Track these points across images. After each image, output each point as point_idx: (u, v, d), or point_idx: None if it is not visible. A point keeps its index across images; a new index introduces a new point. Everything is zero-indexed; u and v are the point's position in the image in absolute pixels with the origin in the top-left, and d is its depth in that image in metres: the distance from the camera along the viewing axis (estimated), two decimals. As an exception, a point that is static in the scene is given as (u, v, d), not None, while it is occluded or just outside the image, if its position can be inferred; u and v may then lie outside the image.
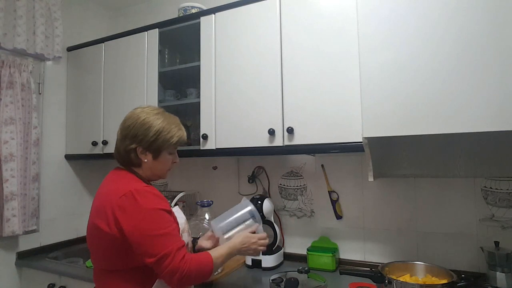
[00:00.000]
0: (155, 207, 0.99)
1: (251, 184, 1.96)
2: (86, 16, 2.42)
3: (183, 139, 1.16)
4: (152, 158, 1.10)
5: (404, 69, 1.15)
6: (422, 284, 1.21)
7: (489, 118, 1.03)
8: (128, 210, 0.97)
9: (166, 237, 0.96)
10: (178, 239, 1.00)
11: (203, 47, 1.72)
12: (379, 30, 1.20)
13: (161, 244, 0.95)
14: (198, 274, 0.98)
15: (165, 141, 1.10)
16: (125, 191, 0.99)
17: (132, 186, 1.01)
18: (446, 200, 1.50)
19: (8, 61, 1.87)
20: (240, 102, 1.60)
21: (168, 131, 1.11)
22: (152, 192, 1.02)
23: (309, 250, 1.66)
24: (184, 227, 1.14)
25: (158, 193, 1.04)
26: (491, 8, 1.04)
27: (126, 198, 0.98)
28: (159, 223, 0.97)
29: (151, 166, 1.11)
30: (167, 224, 0.99)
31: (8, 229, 1.78)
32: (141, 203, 0.98)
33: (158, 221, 0.97)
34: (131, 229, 0.95)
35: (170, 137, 1.11)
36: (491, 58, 1.03)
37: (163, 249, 0.94)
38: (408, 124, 1.14)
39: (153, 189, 1.04)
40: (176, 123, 1.16)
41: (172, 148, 1.14)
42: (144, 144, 1.08)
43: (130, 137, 1.09)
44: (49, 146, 2.13)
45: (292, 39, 1.49)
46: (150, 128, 1.08)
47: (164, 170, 1.16)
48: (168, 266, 0.93)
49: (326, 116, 1.40)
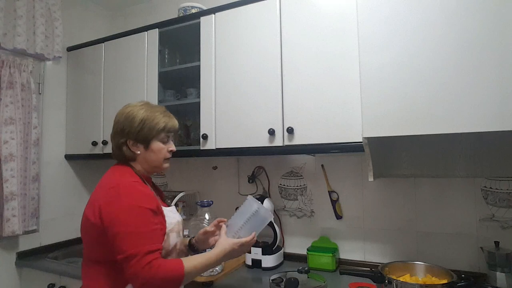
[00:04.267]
0: (136, 204, 0.97)
1: (251, 184, 1.96)
2: (86, 16, 2.42)
3: (170, 125, 1.15)
4: (144, 149, 1.11)
5: (404, 69, 1.15)
6: (422, 284, 1.21)
7: (489, 118, 1.03)
8: (110, 203, 0.97)
9: (139, 236, 0.94)
10: (153, 242, 0.96)
11: (203, 47, 1.72)
12: (379, 30, 1.20)
13: (131, 242, 0.93)
14: (163, 283, 0.93)
15: (151, 129, 1.10)
16: (114, 184, 1.01)
17: (122, 179, 1.03)
18: (446, 200, 1.50)
19: (8, 61, 1.87)
20: (240, 102, 1.60)
21: (152, 118, 1.11)
22: (138, 188, 1.02)
23: (309, 250, 1.66)
24: (174, 227, 1.09)
25: (145, 190, 1.03)
26: (491, 8, 1.04)
27: (113, 191, 0.99)
28: (137, 221, 0.95)
29: (145, 157, 1.12)
30: (145, 223, 0.96)
31: (8, 229, 1.78)
32: (123, 197, 0.97)
33: (136, 218, 0.96)
34: (109, 221, 0.96)
35: (156, 124, 1.11)
36: (491, 58, 1.03)
37: (131, 248, 0.92)
38: (408, 124, 1.14)
39: (142, 186, 1.04)
40: (161, 111, 1.15)
41: (162, 136, 1.13)
42: (132, 136, 1.10)
43: (119, 132, 1.12)
44: (49, 146, 2.13)
45: (292, 39, 1.49)
46: (134, 119, 1.10)
47: (159, 160, 1.14)
48: (132, 268, 0.91)
49: (326, 116, 1.40)
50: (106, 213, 0.97)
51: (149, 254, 0.93)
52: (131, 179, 1.04)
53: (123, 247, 0.93)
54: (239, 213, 1.15)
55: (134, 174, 1.10)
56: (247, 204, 1.15)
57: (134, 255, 0.91)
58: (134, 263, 0.91)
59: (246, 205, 1.15)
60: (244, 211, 1.14)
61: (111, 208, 0.97)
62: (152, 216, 0.99)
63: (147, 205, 0.99)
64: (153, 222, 0.99)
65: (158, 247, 0.96)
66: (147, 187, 1.07)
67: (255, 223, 1.12)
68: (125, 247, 0.92)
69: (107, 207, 0.97)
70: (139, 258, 0.91)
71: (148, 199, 1.01)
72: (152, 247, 0.94)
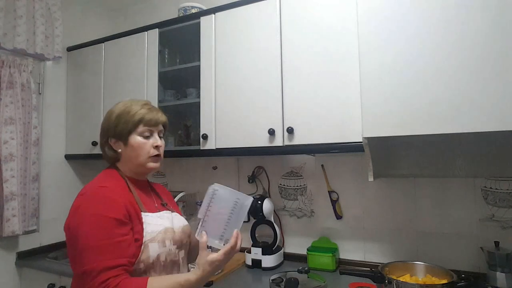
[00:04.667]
0: (98, 213, 0.87)
1: (251, 184, 1.96)
2: (86, 16, 2.41)
3: (149, 117, 1.03)
4: (123, 145, 1.03)
5: (404, 69, 1.15)
6: (422, 284, 1.21)
7: (489, 118, 1.03)
8: (74, 212, 0.90)
9: (98, 250, 0.83)
10: (115, 256, 0.85)
11: (203, 47, 1.72)
12: (379, 30, 1.20)
13: (87, 258, 0.83)
14: None
15: (127, 122, 1.02)
16: (83, 191, 0.95)
17: (93, 185, 0.96)
18: (446, 200, 1.50)
19: (8, 61, 1.87)
20: (240, 102, 1.60)
21: (128, 111, 1.03)
22: (103, 195, 0.91)
23: (309, 250, 1.66)
24: (156, 236, 0.95)
25: (112, 197, 0.92)
26: (491, 8, 1.04)
27: (79, 199, 0.93)
28: (97, 233, 0.85)
29: (128, 154, 1.03)
30: (106, 235, 0.85)
31: (8, 229, 1.78)
32: (84, 205, 0.89)
33: (97, 230, 0.85)
34: (69, 232, 0.89)
35: (131, 116, 1.02)
36: (491, 58, 1.03)
37: (87, 264, 0.83)
38: (408, 124, 1.14)
39: (110, 192, 0.93)
40: (141, 104, 1.06)
41: (141, 129, 1.02)
42: (111, 133, 1.03)
43: (101, 132, 1.07)
44: (49, 146, 2.13)
45: (292, 39, 1.49)
46: (111, 115, 1.05)
47: (142, 156, 1.02)
48: (86, 286, 0.83)
49: (326, 116, 1.40)
50: (70, 223, 0.90)
51: (106, 271, 0.82)
52: (102, 184, 0.95)
53: (81, 262, 0.84)
54: (215, 213, 0.93)
55: (119, 177, 1.02)
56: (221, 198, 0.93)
57: (89, 272, 0.82)
58: (89, 281, 0.82)
59: (220, 199, 0.93)
60: (222, 207, 0.93)
61: (73, 218, 0.89)
62: (117, 227, 0.88)
63: (110, 214, 0.88)
64: (117, 233, 0.87)
65: (120, 263, 0.85)
66: (118, 193, 0.94)
67: (237, 217, 0.92)
68: (83, 262, 0.84)
69: (71, 217, 0.90)
70: (94, 275, 0.82)
71: (114, 207, 0.89)
72: (111, 263, 0.83)
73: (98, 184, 0.96)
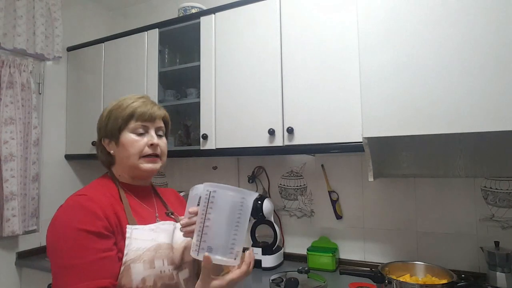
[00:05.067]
0: (72, 225, 0.74)
1: (251, 184, 1.96)
2: (86, 16, 2.41)
3: (141, 111, 0.89)
4: (115, 145, 0.90)
5: (404, 69, 1.15)
6: (422, 284, 1.21)
7: (489, 118, 1.03)
8: (50, 225, 0.78)
9: (72, 271, 0.70)
10: (92, 277, 0.70)
11: (203, 47, 1.72)
12: (379, 30, 1.20)
13: (62, 279, 0.71)
14: None
15: (117, 118, 0.89)
16: (65, 201, 0.82)
17: (74, 194, 0.82)
18: (446, 200, 1.50)
19: (8, 61, 1.87)
20: (240, 102, 1.60)
21: (119, 106, 0.91)
22: (81, 204, 0.78)
23: (309, 250, 1.66)
24: (142, 255, 0.79)
25: (90, 206, 0.77)
26: (491, 8, 1.04)
27: (58, 209, 0.80)
28: (71, 250, 0.72)
29: (120, 155, 0.89)
30: (82, 252, 0.71)
31: (8, 229, 1.78)
32: (59, 218, 0.77)
33: (72, 246, 0.72)
34: (48, 248, 0.76)
35: (121, 111, 0.89)
36: (491, 58, 1.03)
37: (62, 287, 0.71)
38: (408, 124, 1.14)
39: (87, 200, 0.78)
40: (135, 98, 0.92)
41: (133, 125, 0.88)
42: (103, 132, 0.92)
43: (97, 133, 0.95)
44: (49, 146, 2.13)
45: (292, 39, 1.49)
46: (103, 112, 0.93)
47: (133, 156, 0.87)
48: None
49: (326, 116, 1.40)
50: (46, 239, 0.78)
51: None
52: (81, 192, 0.82)
53: (54, 284, 0.73)
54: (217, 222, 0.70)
55: (110, 184, 0.90)
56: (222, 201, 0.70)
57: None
58: None
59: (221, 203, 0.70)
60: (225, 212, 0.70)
61: (49, 233, 0.77)
62: (95, 241, 0.73)
63: (87, 227, 0.74)
64: (95, 249, 0.73)
65: (99, 285, 0.70)
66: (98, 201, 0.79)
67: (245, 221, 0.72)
68: (55, 284, 0.72)
69: (48, 232, 0.78)
70: None
71: (90, 219, 0.75)
72: (92, 285, 0.70)
73: (79, 192, 0.83)
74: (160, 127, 0.94)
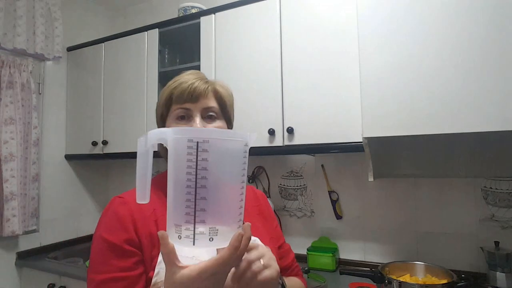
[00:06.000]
0: (99, 232, 0.65)
1: (251, 184, 1.96)
2: (86, 16, 2.41)
3: (179, 90, 0.71)
4: None
5: (404, 69, 1.15)
6: (422, 284, 1.21)
7: (489, 118, 1.03)
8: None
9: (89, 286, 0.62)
10: None
11: (203, 47, 1.72)
12: (379, 30, 1.20)
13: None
14: None
15: (159, 106, 0.77)
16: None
17: (122, 194, 0.71)
18: (446, 200, 1.50)
19: (8, 61, 1.87)
20: (240, 102, 1.58)
21: (163, 89, 0.76)
22: (113, 209, 0.67)
23: (309, 250, 1.66)
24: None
25: (120, 212, 0.65)
26: (491, 8, 1.04)
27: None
28: (93, 260, 0.64)
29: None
30: (99, 267, 0.62)
31: (8, 229, 1.78)
32: (98, 223, 0.68)
33: (94, 256, 0.64)
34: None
35: (161, 95, 0.75)
36: (491, 58, 1.03)
37: None
38: (408, 124, 1.14)
39: (120, 204, 0.67)
40: (181, 76, 0.76)
41: (175, 111, 0.71)
42: (157, 120, 0.79)
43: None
44: (49, 146, 2.13)
45: (292, 39, 1.49)
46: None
47: None
48: None
49: (326, 116, 1.40)
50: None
51: None
52: (121, 194, 0.70)
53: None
54: (220, 186, 0.47)
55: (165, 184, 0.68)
56: (221, 154, 0.48)
57: None
58: None
59: (221, 156, 0.48)
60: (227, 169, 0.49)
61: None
62: (115, 256, 0.62)
63: (110, 237, 0.63)
64: (112, 266, 0.61)
65: None
66: (131, 207, 0.66)
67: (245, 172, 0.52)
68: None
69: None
70: None
71: (116, 227, 0.64)
72: None
73: (123, 193, 0.70)
74: (209, 107, 0.72)
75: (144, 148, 0.49)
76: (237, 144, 0.50)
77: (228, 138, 0.49)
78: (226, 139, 0.49)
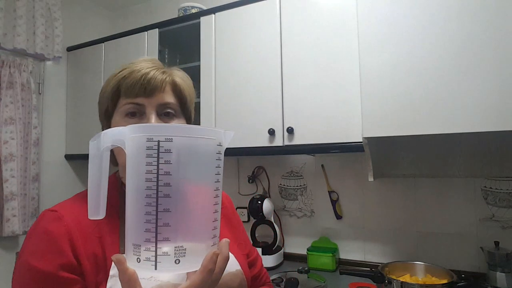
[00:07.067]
0: (25, 257, 0.53)
1: (251, 184, 1.96)
2: (86, 16, 2.41)
3: (131, 81, 0.59)
4: None
5: (404, 69, 1.15)
6: (422, 284, 1.21)
7: (489, 118, 1.03)
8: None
9: None
10: None
11: (203, 47, 1.72)
12: (379, 30, 1.20)
13: None
14: None
15: (103, 97, 0.63)
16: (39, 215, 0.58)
17: (53, 207, 0.58)
18: (446, 200, 1.50)
19: (8, 61, 1.87)
20: (240, 102, 1.60)
21: (109, 78, 0.64)
22: (43, 227, 0.54)
23: (309, 250, 1.66)
24: None
25: (53, 231, 0.52)
26: (491, 8, 1.04)
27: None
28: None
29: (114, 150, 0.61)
30: None
31: (8, 229, 1.78)
32: (22, 246, 0.55)
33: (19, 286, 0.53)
34: None
35: (106, 86, 0.63)
36: (491, 58, 1.03)
37: None
38: (407, 124, 1.14)
39: (52, 221, 0.54)
40: (134, 63, 0.64)
41: (124, 106, 0.59)
42: (100, 117, 0.67)
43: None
44: (49, 146, 2.13)
45: (292, 39, 1.49)
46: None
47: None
48: None
49: (326, 116, 1.40)
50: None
51: None
52: (54, 207, 0.57)
53: None
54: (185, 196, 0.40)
55: (113, 190, 0.61)
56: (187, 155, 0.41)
57: None
58: None
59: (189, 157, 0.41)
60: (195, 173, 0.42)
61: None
62: (47, 286, 0.50)
63: (40, 263, 0.51)
64: None
65: None
66: (69, 222, 0.54)
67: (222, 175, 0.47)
68: None
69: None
70: None
71: (47, 251, 0.51)
72: None
73: (54, 206, 0.58)
74: (166, 103, 0.60)
75: (97, 152, 0.41)
76: (208, 144, 0.43)
77: (197, 136, 0.42)
78: (194, 137, 0.41)
